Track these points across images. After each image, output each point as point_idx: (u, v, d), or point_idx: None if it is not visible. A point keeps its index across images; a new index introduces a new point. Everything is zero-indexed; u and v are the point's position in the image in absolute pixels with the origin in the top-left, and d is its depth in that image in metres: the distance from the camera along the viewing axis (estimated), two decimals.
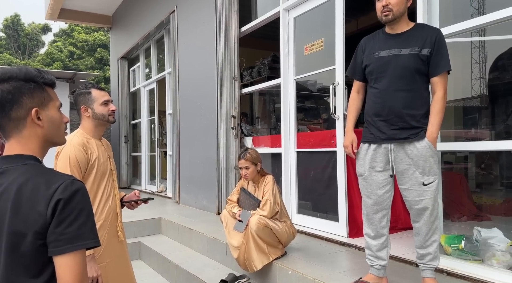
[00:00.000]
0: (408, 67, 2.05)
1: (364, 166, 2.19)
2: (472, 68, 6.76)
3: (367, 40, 2.29)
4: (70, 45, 22.90)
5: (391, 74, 2.07)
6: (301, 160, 3.88)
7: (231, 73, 4.59)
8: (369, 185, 2.17)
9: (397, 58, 2.07)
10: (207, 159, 4.98)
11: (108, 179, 2.02)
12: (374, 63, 2.14)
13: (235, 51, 4.57)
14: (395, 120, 2.07)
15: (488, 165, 4.88)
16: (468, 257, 2.39)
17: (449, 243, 2.51)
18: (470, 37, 3.82)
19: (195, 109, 5.34)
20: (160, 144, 7.27)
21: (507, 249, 2.25)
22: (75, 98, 2.04)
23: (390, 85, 2.08)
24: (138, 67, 8.20)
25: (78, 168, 1.88)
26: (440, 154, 2.63)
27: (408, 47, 2.05)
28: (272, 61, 5.07)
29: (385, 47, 2.12)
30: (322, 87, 4.47)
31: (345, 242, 3.14)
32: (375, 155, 2.14)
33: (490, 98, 5.83)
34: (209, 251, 3.62)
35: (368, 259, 2.28)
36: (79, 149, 1.90)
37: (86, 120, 2.01)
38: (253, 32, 4.72)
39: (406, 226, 3.54)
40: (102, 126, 2.04)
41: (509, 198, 4.34)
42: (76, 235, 0.93)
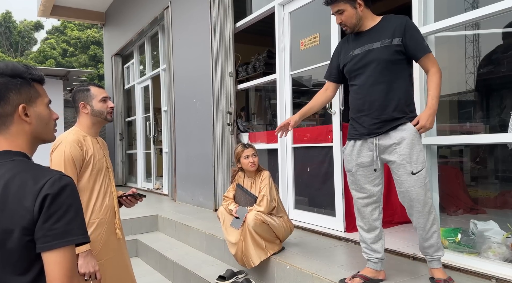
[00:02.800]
0: (381, 59, 2.08)
1: (351, 162, 2.21)
2: (467, 62, 6.80)
3: (342, 43, 2.36)
4: (63, 43, 22.69)
5: (366, 69, 2.12)
6: (297, 155, 3.88)
7: (226, 69, 4.57)
8: (357, 180, 2.19)
9: (370, 52, 2.11)
10: (203, 155, 4.96)
11: (105, 176, 2.02)
12: (350, 61, 2.20)
13: (230, 47, 4.54)
14: (377, 114, 2.10)
15: (483, 159, 4.91)
16: (465, 250, 2.41)
17: (445, 236, 2.53)
18: (464, 31, 3.82)
19: (190, 106, 5.32)
20: (156, 141, 7.24)
21: (503, 241, 2.27)
22: (74, 95, 2.04)
23: (367, 80, 2.12)
24: (132, 64, 8.14)
25: (72, 165, 1.87)
26: (436, 147, 2.65)
27: (379, 40, 2.10)
28: (268, 57, 5.05)
29: (357, 45, 2.18)
30: (318, 83, 4.47)
31: (342, 237, 3.15)
32: (361, 150, 2.17)
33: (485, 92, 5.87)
34: (206, 247, 3.62)
35: (364, 253, 2.30)
36: (74, 146, 1.90)
37: (84, 117, 2.01)
38: (248, 28, 4.69)
39: (403, 220, 3.55)
40: (99, 124, 2.04)
41: (503, 191, 4.37)
42: (64, 230, 0.91)
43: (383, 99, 2.09)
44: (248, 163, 2.87)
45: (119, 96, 8.42)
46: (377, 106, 2.09)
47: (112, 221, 2.02)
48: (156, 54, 7.11)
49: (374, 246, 2.24)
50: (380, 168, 2.16)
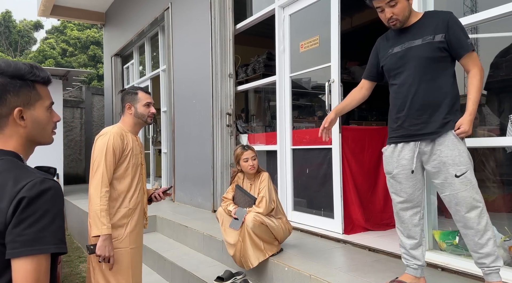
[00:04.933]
0: (422, 57, 1.96)
1: (391, 164, 2.10)
2: None
3: (381, 40, 2.24)
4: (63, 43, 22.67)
5: (407, 68, 2.01)
6: (296, 157, 3.88)
7: (226, 70, 4.58)
8: (398, 183, 2.08)
9: (410, 50, 2.00)
10: (202, 156, 4.97)
11: (139, 172, 2.24)
12: (389, 60, 2.09)
13: (230, 48, 4.55)
14: (418, 114, 1.97)
15: (481, 162, 4.92)
16: (462, 253, 2.42)
17: (443, 238, 2.54)
18: None
19: (190, 106, 5.32)
20: (155, 142, 7.24)
21: (501, 244, 2.28)
22: (123, 96, 2.29)
23: (407, 79, 2.00)
24: (132, 65, 8.14)
25: (112, 153, 2.09)
26: None
27: (420, 37, 1.98)
28: (267, 59, 5.06)
29: (397, 43, 2.07)
30: (317, 85, 4.48)
31: (340, 239, 3.16)
32: (402, 152, 2.05)
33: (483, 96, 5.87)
34: (205, 248, 3.62)
35: (404, 259, 2.17)
36: (117, 138, 2.12)
37: (128, 117, 2.25)
38: (248, 30, 4.71)
39: None
40: (140, 125, 2.27)
41: (501, 194, 4.38)
42: (35, 237, 0.85)
43: (424, 100, 1.97)
44: (247, 166, 2.88)
45: (118, 96, 8.40)
46: (418, 106, 1.98)
47: (141, 214, 2.27)
48: (156, 55, 7.11)
49: (414, 253, 2.11)
50: (420, 171, 2.06)
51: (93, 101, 10.48)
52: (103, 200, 2.02)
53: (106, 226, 2.01)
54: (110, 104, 8.64)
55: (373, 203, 3.56)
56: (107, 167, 2.07)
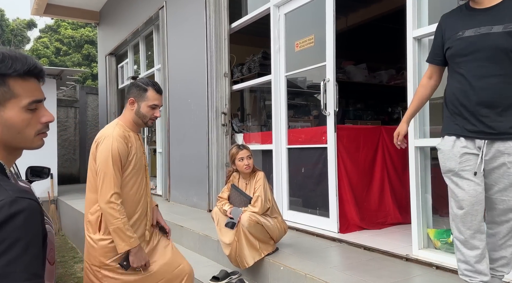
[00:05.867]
0: (501, 48, 1.70)
1: (453, 159, 1.81)
2: None
3: (446, 18, 1.93)
4: (57, 41, 22.50)
5: (479, 57, 1.74)
6: (292, 156, 3.89)
7: (221, 70, 4.57)
8: (465, 179, 1.78)
9: (487, 37, 1.72)
10: (197, 156, 4.95)
11: (143, 175, 2.04)
12: (457, 45, 1.80)
13: (225, 47, 4.54)
14: (485, 112, 1.74)
15: None
16: None
17: (438, 237, 2.55)
18: None
19: (185, 106, 5.31)
20: (150, 141, 7.21)
21: None
22: (130, 87, 2.04)
23: (477, 70, 1.75)
24: (126, 64, 8.10)
25: (119, 161, 1.88)
26: (429, 149, 2.67)
27: (502, 24, 1.70)
28: (263, 58, 5.05)
29: (470, 25, 1.77)
30: (312, 84, 4.49)
31: (336, 238, 3.17)
32: (465, 148, 1.79)
33: None
34: (200, 248, 3.61)
35: (466, 276, 1.82)
36: (121, 141, 1.90)
37: (128, 112, 2.02)
38: (243, 29, 4.70)
39: (396, 221, 3.58)
40: (139, 125, 2.05)
41: None
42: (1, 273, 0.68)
43: (494, 97, 1.73)
44: (243, 165, 2.87)
45: (113, 96, 8.38)
46: (486, 103, 1.74)
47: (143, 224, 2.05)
48: (151, 54, 7.08)
49: (479, 267, 1.79)
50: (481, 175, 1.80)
51: (87, 101, 10.42)
52: (122, 212, 1.86)
53: (133, 238, 1.88)
54: (105, 103, 8.60)
55: (368, 202, 3.57)
56: (116, 176, 1.87)
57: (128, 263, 1.91)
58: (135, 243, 1.88)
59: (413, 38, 2.63)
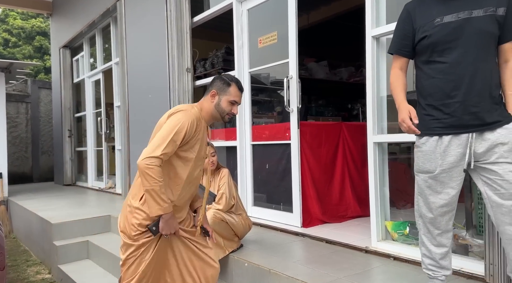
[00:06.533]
0: (485, 32, 1.64)
1: (435, 161, 1.73)
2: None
3: (415, 5, 1.81)
4: (5, 32, 21.05)
5: (465, 43, 1.65)
6: (256, 152, 3.89)
7: (183, 64, 4.48)
8: (440, 183, 1.73)
9: (469, 21, 1.65)
10: None
11: (201, 168, 2.04)
12: (438, 31, 1.69)
13: (187, 42, 4.46)
14: (475, 101, 1.65)
15: None
16: (413, 242, 2.55)
17: (395, 229, 2.66)
18: None
19: (146, 101, 5.16)
20: (108, 138, 6.95)
21: None
22: (215, 80, 2.06)
23: (465, 56, 1.65)
24: (82, 57, 7.74)
25: (179, 138, 1.85)
26: (386, 145, 2.78)
27: (481, 8, 1.64)
28: (226, 54, 5.01)
29: (448, 11, 1.69)
30: (276, 80, 4.51)
31: (299, 232, 3.22)
32: (449, 146, 1.70)
33: None
34: None
35: (430, 270, 1.85)
36: (193, 122, 1.89)
37: (208, 103, 2.03)
38: (206, 23, 4.63)
39: (356, 214, 3.70)
40: (215, 119, 2.05)
41: None
42: None
43: (484, 83, 1.65)
44: (207, 162, 2.83)
45: (68, 90, 7.99)
46: (477, 91, 1.65)
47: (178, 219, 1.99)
48: (108, 47, 6.81)
49: (444, 262, 1.81)
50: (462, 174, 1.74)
51: (40, 96, 9.85)
52: (160, 175, 1.80)
53: (168, 204, 1.83)
54: (59, 98, 8.16)
55: (330, 196, 3.66)
56: (171, 144, 1.82)
57: (157, 228, 1.86)
58: (169, 209, 1.84)
59: (372, 37, 2.71)
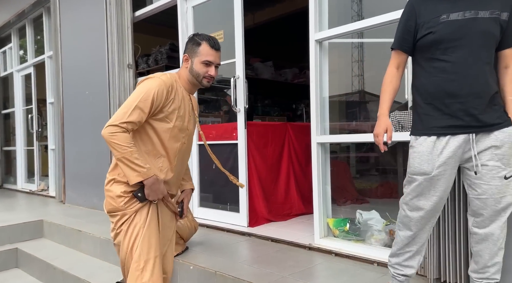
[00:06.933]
0: (490, 34, 1.63)
1: (432, 162, 1.68)
2: (353, 66, 7.61)
3: (420, 0, 1.75)
4: None
5: (470, 43, 1.62)
6: (203, 152, 3.83)
7: (124, 60, 4.28)
8: (433, 186, 1.69)
9: (475, 21, 1.62)
10: (98, 153, 4.58)
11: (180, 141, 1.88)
12: (443, 28, 1.65)
13: (128, 36, 4.26)
14: (477, 102, 1.63)
15: (366, 153, 5.55)
16: (352, 238, 2.67)
17: (336, 226, 2.77)
18: (351, 38, 4.19)
19: (82, 98, 4.85)
20: (40, 137, 6.43)
21: (383, 228, 2.58)
22: (186, 43, 1.91)
23: (469, 57, 1.63)
24: (10, 49, 7.08)
25: (147, 106, 1.70)
26: (329, 145, 2.88)
27: (487, 10, 1.62)
28: (170, 50, 4.88)
29: (455, 9, 1.65)
30: (222, 79, 4.48)
31: (245, 232, 3.23)
32: (447, 147, 1.67)
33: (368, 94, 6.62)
34: (102, 253, 3.35)
35: (393, 268, 1.87)
36: (163, 86, 1.73)
37: (183, 70, 1.89)
38: (149, 18, 4.46)
39: (300, 212, 3.80)
40: (195, 86, 1.88)
41: (382, 182, 5.00)
42: None
43: (485, 85, 1.64)
44: None
45: None
46: (478, 92, 1.62)
47: None
48: (41, 39, 6.30)
49: (411, 263, 1.82)
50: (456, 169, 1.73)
51: None
52: (128, 141, 1.70)
53: (146, 168, 1.69)
54: None
55: (275, 195, 3.72)
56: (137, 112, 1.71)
57: (143, 194, 1.74)
58: (148, 173, 1.69)
59: (315, 41, 2.79)
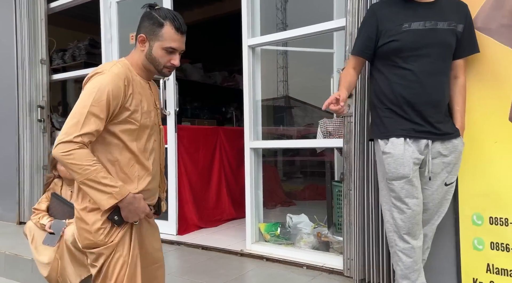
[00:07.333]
0: (448, 45, 1.67)
1: (408, 164, 1.65)
2: (278, 71, 7.86)
3: (381, 8, 1.77)
4: None
5: (430, 53, 1.65)
6: None
7: (37, 55, 3.87)
8: (416, 188, 1.67)
9: (435, 32, 1.65)
10: (3, 157, 4.07)
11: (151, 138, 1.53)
12: (406, 37, 1.66)
13: (42, 29, 3.86)
14: (434, 111, 1.66)
15: (292, 157, 5.75)
16: (283, 242, 2.72)
17: (268, 230, 2.80)
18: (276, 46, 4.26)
19: None
20: None
21: (312, 231, 2.67)
22: (142, 19, 1.52)
23: (429, 66, 1.65)
24: None
25: (104, 108, 1.33)
26: (261, 150, 2.91)
27: (445, 21, 1.65)
28: (90, 46, 4.55)
29: (415, 18, 1.66)
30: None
31: (174, 240, 3.11)
32: (414, 150, 1.67)
33: (294, 100, 6.89)
34: (7, 270, 2.97)
35: None
36: (118, 81, 1.37)
37: (138, 54, 1.48)
38: (66, 11, 4.09)
39: (231, 217, 3.77)
40: (151, 72, 1.52)
41: (307, 184, 5.22)
42: None
43: (442, 95, 1.68)
44: (63, 170, 2.49)
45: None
46: (435, 102, 1.66)
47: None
48: None
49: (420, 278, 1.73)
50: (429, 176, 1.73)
51: None
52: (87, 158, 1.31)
53: (117, 188, 1.35)
54: None
55: (207, 201, 3.65)
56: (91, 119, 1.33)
57: (120, 217, 1.41)
58: (122, 192, 1.36)
59: (248, 46, 2.80)
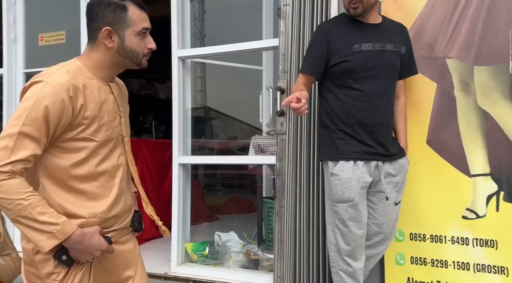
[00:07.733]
0: (395, 66, 1.73)
1: (354, 188, 1.66)
2: (195, 81, 7.84)
3: (332, 28, 1.77)
4: None
5: (380, 74, 1.69)
6: None
7: None
8: (360, 211, 1.68)
9: (383, 54, 1.69)
10: None
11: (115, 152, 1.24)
12: (357, 58, 1.68)
13: None
14: (385, 132, 1.71)
15: (214, 170, 5.69)
16: (211, 262, 2.64)
17: (195, 250, 2.68)
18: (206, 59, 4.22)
19: None
20: None
21: (241, 249, 2.64)
22: (96, 9, 1.16)
23: (379, 87, 1.69)
24: None
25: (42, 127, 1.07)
26: (190, 166, 2.81)
27: (392, 43, 1.71)
28: None
29: (365, 39, 1.69)
30: None
31: None
32: (364, 173, 1.68)
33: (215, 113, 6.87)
34: None
35: None
36: (60, 97, 1.08)
37: (102, 54, 1.19)
38: None
39: (151, 236, 3.55)
40: (121, 68, 1.24)
41: (229, 197, 5.21)
42: None
43: (391, 116, 1.76)
44: None
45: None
46: (385, 122, 1.72)
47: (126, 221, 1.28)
48: None
49: None
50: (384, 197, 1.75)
51: None
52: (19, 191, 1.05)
53: (60, 224, 1.08)
54: None
55: None
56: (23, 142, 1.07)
57: (68, 256, 1.15)
58: (66, 229, 1.10)
59: (178, 58, 2.72)
